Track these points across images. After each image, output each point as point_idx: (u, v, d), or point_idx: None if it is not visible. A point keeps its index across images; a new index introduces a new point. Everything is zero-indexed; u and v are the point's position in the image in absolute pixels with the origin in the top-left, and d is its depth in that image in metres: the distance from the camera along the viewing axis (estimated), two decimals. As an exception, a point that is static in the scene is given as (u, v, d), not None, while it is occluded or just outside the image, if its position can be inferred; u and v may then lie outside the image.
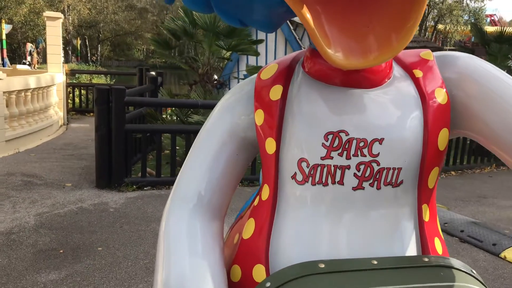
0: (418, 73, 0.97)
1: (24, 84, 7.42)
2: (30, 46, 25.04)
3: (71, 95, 11.78)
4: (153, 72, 8.92)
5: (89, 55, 43.06)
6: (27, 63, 22.22)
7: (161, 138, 5.70)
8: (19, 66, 15.63)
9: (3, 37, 20.42)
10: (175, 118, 6.86)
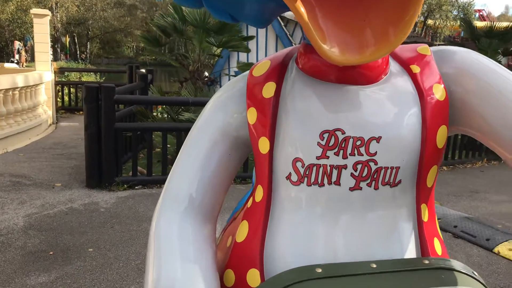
0: (416, 68, 0.95)
1: (12, 82, 7.30)
2: (18, 44, 24.73)
3: (60, 94, 11.64)
4: (143, 69, 8.83)
5: (78, 53, 42.65)
6: (15, 62, 21.94)
7: (151, 136, 5.64)
8: (7, 65, 15.42)
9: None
10: (166, 116, 6.79)
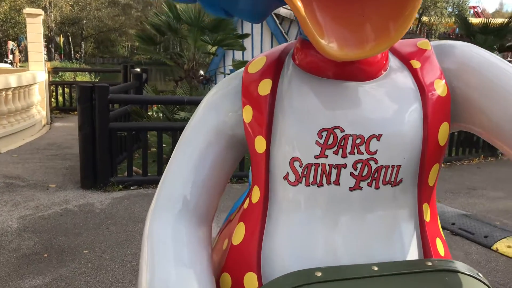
0: (416, 64, 0.92)
1: (4, 83, 7.22)
2: (11, 44, 24.53)
3: (54, 94, 11.54)
4: (137, 68, 8.77)
5: (72, 53, 42.43)
6: (9, 62, 21.77)
7: (147, 136, 5.60)
8: (0, 65, 15.28)
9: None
10: (162, 115, 6.75)
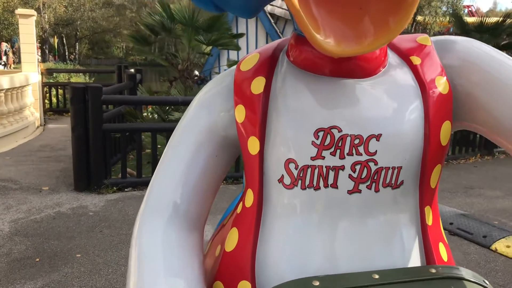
0: (416, 60, 0.88)
1: (-4, 84, 7.14)
2: (5, 46, 24.32)
3: (48, 95, 11.44)
4: (132, 69, 8.70)
5: (67, 54, 42.21)
6: (2, 63, 21.60)
7: (141, 137, 5.54)
8: (-7, 67, 15.15)
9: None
10: (157, 116, 6.69)
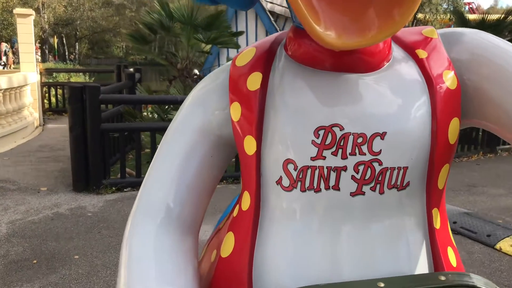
0: (422, 53, 0.83)
1: (-6, 84, 7.10)
2: (4, 46, 24.28)
3: (47, 95, 11.40)
4: (131, 69, 8.65)
5: (67, 54, 42.18)
6: (2, 64, 21.57)
7: (140, 137, 5.49)
8: (-7, 67, 15.11)
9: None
10: (157, 116, 6.64)
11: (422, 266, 0.80)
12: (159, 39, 8.38)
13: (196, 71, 7.79)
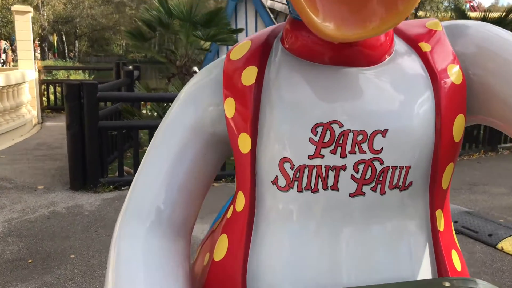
0: (426, 46, 0.79)
1: (-8, 82, 7.05)
2: (4, 44, 24.24)
3: (46, 93, 11.35)
4: (130, 66, 8.61)
5: (66, 52, 42.11)
6: (1, 61, 21.53)
7: (138, 135, 5.45)
8: (-8, 64, 15.07)
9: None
10: (156, 114, 6.60)
11: (425, 271, 0.76)
12: (159, 37, 8.35)
13: (195, 69, 7.75)
